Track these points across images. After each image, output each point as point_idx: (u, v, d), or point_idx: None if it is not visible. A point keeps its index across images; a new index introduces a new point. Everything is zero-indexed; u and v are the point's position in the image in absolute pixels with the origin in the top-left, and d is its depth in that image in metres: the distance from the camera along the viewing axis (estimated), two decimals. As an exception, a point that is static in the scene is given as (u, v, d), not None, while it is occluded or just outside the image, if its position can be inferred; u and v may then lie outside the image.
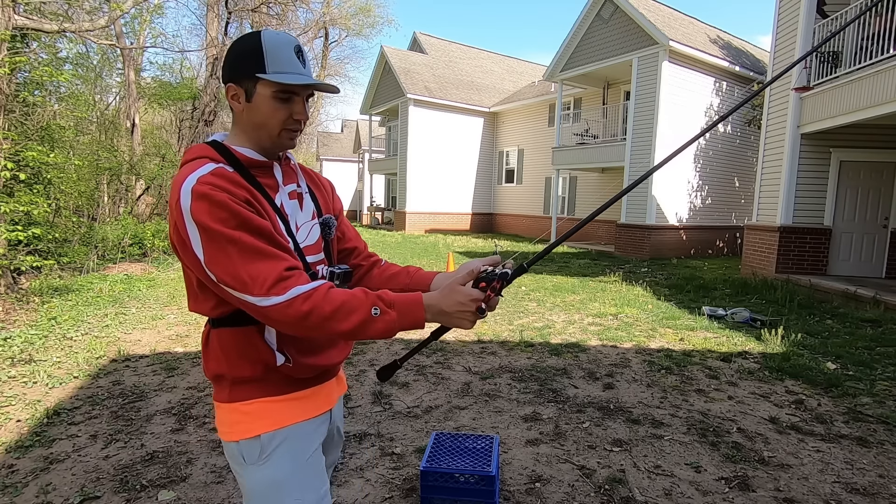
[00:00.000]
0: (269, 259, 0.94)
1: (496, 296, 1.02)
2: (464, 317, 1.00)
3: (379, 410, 3.30)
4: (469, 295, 1.00)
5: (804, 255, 8.28)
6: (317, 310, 0.93)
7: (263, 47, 1.01)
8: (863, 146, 8.03)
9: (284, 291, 0.92)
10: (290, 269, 0.95)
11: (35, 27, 6.49)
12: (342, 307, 0.94)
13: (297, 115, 1.06)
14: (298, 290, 0.93)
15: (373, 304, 0.96)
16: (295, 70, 1.03)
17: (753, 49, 16.36)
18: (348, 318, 0.94)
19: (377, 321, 0.95)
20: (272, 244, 0.97)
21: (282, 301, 0.92)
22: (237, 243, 0.92)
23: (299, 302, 0.92)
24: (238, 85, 1.03)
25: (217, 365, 1.07)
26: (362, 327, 0.95)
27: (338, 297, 0.95)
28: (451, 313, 1.00)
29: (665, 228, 12.91)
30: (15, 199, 5.82)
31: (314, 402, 1.15)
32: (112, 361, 4.12)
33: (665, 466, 2.67)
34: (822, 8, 7.97)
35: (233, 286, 0.93)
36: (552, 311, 6.37)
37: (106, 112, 13.79)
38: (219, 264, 0.93)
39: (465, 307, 1.00)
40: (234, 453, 1.09)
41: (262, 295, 0.92)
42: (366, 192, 26.42)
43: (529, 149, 19.25)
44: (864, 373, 4.19)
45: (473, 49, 24.15)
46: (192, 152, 1.05)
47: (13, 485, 2.37)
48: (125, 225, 9.93)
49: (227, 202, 0.93)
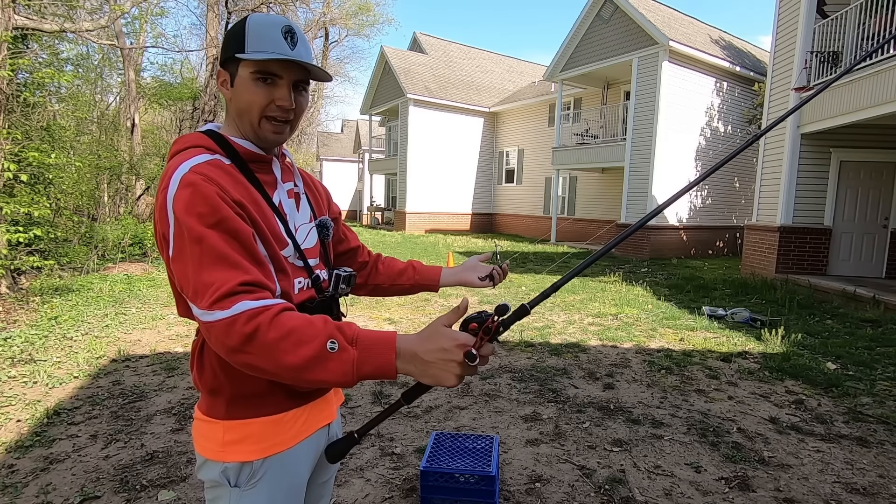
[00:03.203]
0: (230, 268, 0.79)
1: (491, 341, 0.78)
2: (447, 368, 0.76)
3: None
4: (455, 339, 0.76)
5: (804, 255, 8.29)
6: (260, 333, 0.74)
7: (247, 28, 0.92)
8: (863, 146, 8.03)
9: (230, 306, 0.76)
10: (247, 284, 0.79)
11: (35, 27, 6.49)
12: (291, 334, 0.75)
13: (280, 101, 0.93)
14: (244, 307, 0.76)
15: (330, 337, 0.75)
16: (278, 50, 0.91)
17: (754, 49, 16.36)
18: (297, 349, 0.74)
19: (332, 359, 0.75)
20: (244, 253, 0.83)
21: (224, 317, 0.75)
22: (202, 243, 0.80)
23: (242, 321, 0.75)
24: (225, 69, 0.96)
25: (214, 378, 0.95)
26: (312, 365, 0.74)
27: (289, 323, 0.76)
28: (431, 362, 0.76)
29: (665, 228, 12.91)
30: (16, 199, 5.82)
31: (316, 417, 1.07)
32: (112, 361, 4.13)
33: (665, 466, 2.67)
34: (822, 8, 7.97)
35: (185, 290, 0.81)
36: (552, 310, 6.37)
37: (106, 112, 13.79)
38: (180, 262, 0.82)
39: (448, 356, 0.75)
40: (214, 473, 0.96)
41: (205, 307, 0.77)
42: (366, 192, 26.41)
43: (529, 149, 19.25)
44: (864, 373, 4.19)
45: (473, 49, 24.15)
46: (184, 141, 0.95)
47: (13, 485, 2.37)
48: (125, 225, 9.93)
49: (212, 195, 0.82)
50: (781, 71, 8.72)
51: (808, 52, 7.86)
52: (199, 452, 0.99)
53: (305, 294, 1.02)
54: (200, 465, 1.00)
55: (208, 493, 1.00)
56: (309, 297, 1.02)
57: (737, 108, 13.82)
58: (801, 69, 7.92)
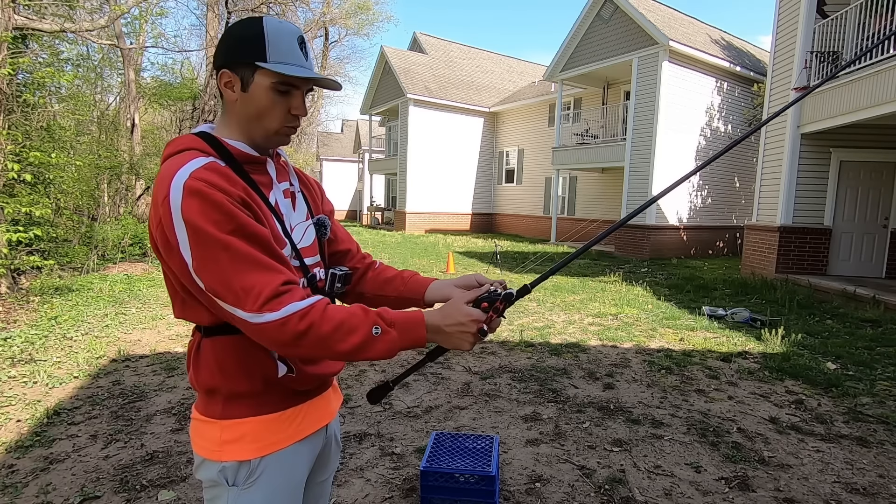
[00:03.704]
0: (265, 271, 0.86)
1: (498, 317, 0.99)
2: (463, 338, 0.95)
3: (379, 410, 3.30)
4: (469, 315, 0.95)
5: (804, 255, 8.29)
6: (314, 329, 0.85)
7: (266, 34, 0.93)
8: (863, 146, 8.03)
9: (279, 307, 0.84)
10: (286, 284, 0.87)
11: (35, 27, 6.49)
12: (341, 326, 0.87)
13: (296, 110, 0.98)
14: (295, 308, 0.85)
15: (373, 323, 0.89)
16: (297, 62, 0.95)
17: (754, 49, 16.36)
18: (347, 337, 0.87)
19: (378, 341, 0.89)
20: (268, 254, 0.89)
21: (277, 318, 0.83)
22: (230, 250, 0.84)
23: (295, 320, 0.84)
24: (233, 72, 0.95)
25: (211, 377, 0.97)
26: (362, 347, 0.88)
27: (336, 316, 0.87)
28: (451, 333, 0.95)
29: (665, 228, 12.91)
30: (16, 199, 5.83)
31: (314, 416, 1.08)
32: (112, 361, 4.13)
33: (665, 466, 2.67)
34: (822, 8, 7.97)
35: (223, 297, 0.85)
36: (552, 310, 6.37)
37: (106, 112, 13.78)
38: (209, 271, 0.85)
39: (465, 328, 0.95)
40: (212, 473, 0.98)
41: (254, 311, 0.83)
42: (366, 192, 26.42)
43: (529, 149, 19.26)
44: (864, 373, 4.19)
45: (473, 49, 24.15)
46: (178, 143, 0.95)
47: (13, 485, 2.37)
48: (125, 225, 9.93)
49: (223, 202, 0.85)
50: (781, 71, 8.72)
51: (808, 52, 7.86)
52: (197, 452, 1.00)
53: None
54: (198, 464, 1.00)
55: (207, 493, 1.00)
56: None
57: (737, 108, 13.82)
58: (801, 69, 7.92)
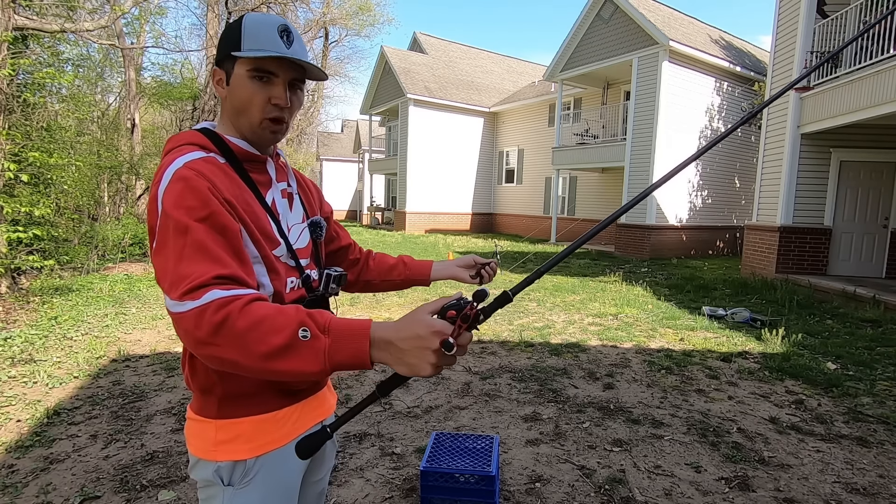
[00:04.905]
0: (209, 262, 0.77)
1: (469, 328, 0.72)
2: (422, 356, 0.71)
3: (379, 410, 3.30)
4: (431, 326, 0.71)
5: (804, 255, 8.29)
6: (229, 322, 0.71)
7: (243, 26, 0.93)
8: (863, 146, 8.03)
9: (200, 296, 0.73)
10: (221, 278, 0.76)
11: (35, 27, 6.49)
12: (262, 323, 0.71)
13: (276, 100, 0.94)
14: (215, 295, 0.73)
15: (301, 325, 0.72)
16: (274, 49, 0.92)
17: (754, 49, 16.36)
18: (267, 338, 0.70)
19: (303, 348, 0.71)
20: (228, 249, 0.82)
21: (194, 307, 0.72)
22: (187, 235, 0.78)
23: (212, 310, 0.72)
24: (221, 68, 0.97)
25: (206, 377, 0.95)
26: (283, 352, 0.71)
27: (260, 311, 0.73)
28: (406, 350, 0.71)
29: (665, 228, 12.91)
30: (16, 198, 5.83)
31: (309, 415, 1.07)
32: (112, 361, 4.13)
33: (665, 466, 2.67)
34: (823, 8, 7.97)
35: (161, 282, 0.79)
36: (552, 310, 6.37)
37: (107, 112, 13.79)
38: (160, 256, 0.80)
39: (424, 342, 0.70)
40: (207, 473, 0.96)
41: (176, 298, 0.74)
42: (366, 192, 26.42)
43: (529, 149, 19.25)
44: (864, 373, 4.19)
45: (473, 49, 24.15)
46: (179, 139, 0.95)
47: (13, 485, 2.37)
48: (126, 225, 9.94)
49: (203, 190, 0.82)
50: (781, 71, 8.72)
51: (808, 52, 7.86)
52: (192, 452, 0.99)
53: (296, 293, 1.03)
54: (193, 464, 0.99)
55: (202, 493, 1.00)
56: (299, 296, 1.03)
57: (737, 108, 13.81)
58: (801, 69, 7.92)
